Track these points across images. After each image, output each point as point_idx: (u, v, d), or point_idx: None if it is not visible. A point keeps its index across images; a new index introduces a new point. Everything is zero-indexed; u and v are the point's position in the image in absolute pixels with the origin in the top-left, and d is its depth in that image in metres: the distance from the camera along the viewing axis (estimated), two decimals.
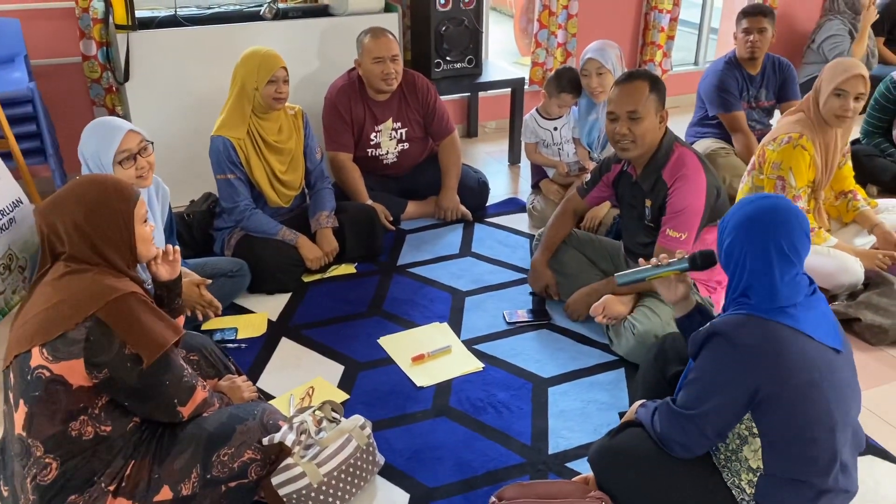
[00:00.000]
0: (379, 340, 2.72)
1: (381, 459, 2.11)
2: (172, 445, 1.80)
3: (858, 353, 2.36)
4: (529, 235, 3.51)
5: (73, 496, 1.68)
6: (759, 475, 1.68)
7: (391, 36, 3.37)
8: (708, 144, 3.84)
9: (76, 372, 1.64)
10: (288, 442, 1.88)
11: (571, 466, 2.15)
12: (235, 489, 1.83)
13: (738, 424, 1.68)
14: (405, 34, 4.22)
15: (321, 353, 2.66)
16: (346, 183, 3.46)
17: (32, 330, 1.65)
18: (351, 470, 1.97)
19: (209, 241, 3.14)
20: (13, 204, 2.84)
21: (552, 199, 3.54)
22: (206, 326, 2.71)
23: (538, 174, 3.70)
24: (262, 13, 3.66)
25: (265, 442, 1.86)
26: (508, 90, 4.32)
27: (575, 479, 2.01)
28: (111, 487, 1.71)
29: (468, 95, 4.66)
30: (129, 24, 3.35)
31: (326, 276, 3.15)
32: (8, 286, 2.78)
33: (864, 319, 2.75)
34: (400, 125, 3.54)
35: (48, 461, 1.66)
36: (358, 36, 3.40)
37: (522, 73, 4.45)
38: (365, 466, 2.01)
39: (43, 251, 1.76)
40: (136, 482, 1.73)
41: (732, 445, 1.71)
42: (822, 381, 1.62)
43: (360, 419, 2.06)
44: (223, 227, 3.09)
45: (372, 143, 3.52)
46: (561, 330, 2.80)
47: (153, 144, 2.36)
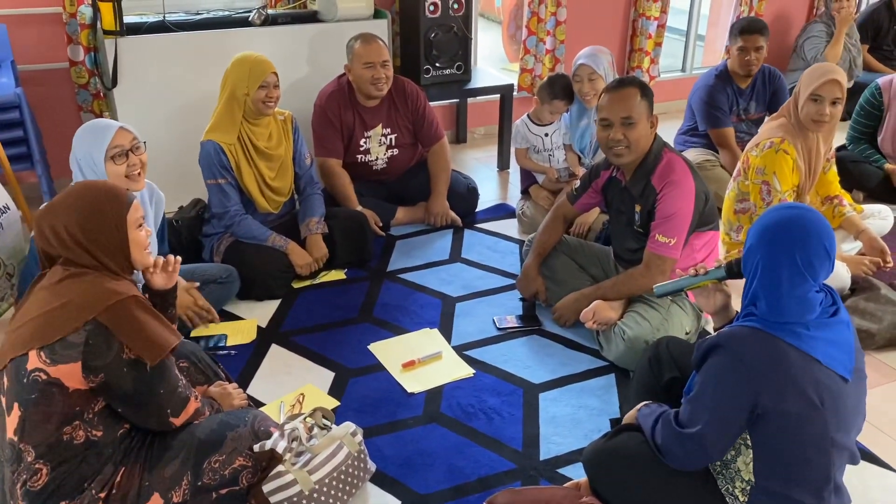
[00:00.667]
0: (369, 347, 2.71)
1: (372, 466, 2.10)
2: (163, 452, 1.79)
3: None
4: (519, 241, 3.51)
5: (63, 502, 1.67)
6: (751, 486, 1.67)
7: (381, 42, 3.38)
8: (695, 156, 3.86)
9: (73, 375, 1.63)
10: (279, 449, 1.87)
11: (563, 472, 2.15)
12: (226, 496, 1.82)
13: None
14: (394, 40, 4.22)
15: (311, 359, 2.65)
16: (335, 189, 3.45)
17: (29, 333, 1.65)
18: (342, 477, 1.96)
19: (198, 247, 3.12)
20: (0, 210, 2.82)
21: (542, 204, 3.55)
22: (195, 333, 2.70)
23: (527, 180, 3.71)
24: (251, 19, 3.65)
25: (256, 449, 1.85)
26: (497, 96, 4.33)
27: (566, 484, 2.01)
28: (102, 494, 1.70)
29: (457, 101, 4.67)
30: (117, 29, 3.34)
31: (316, 282, 3.14)
32: None
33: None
34: (389, 131, 3.54)
35: (38, 466, 1.65)
36: (347, 42, 3.40)
37: (511, 79, 4.47)
38: (356, 473, 2.01)
39: (40, 256, 1.77)
40: (126, 490, 1.72)
41: (727, 455, 1.70)
42: (823, 405, 1.58)
43: (351, 426, 2.05)
44: (212, 233, 3.08)
45: (361, 148, 3.52)
46: (551, 335, 2.80)
47: (145, 144, 2.37)
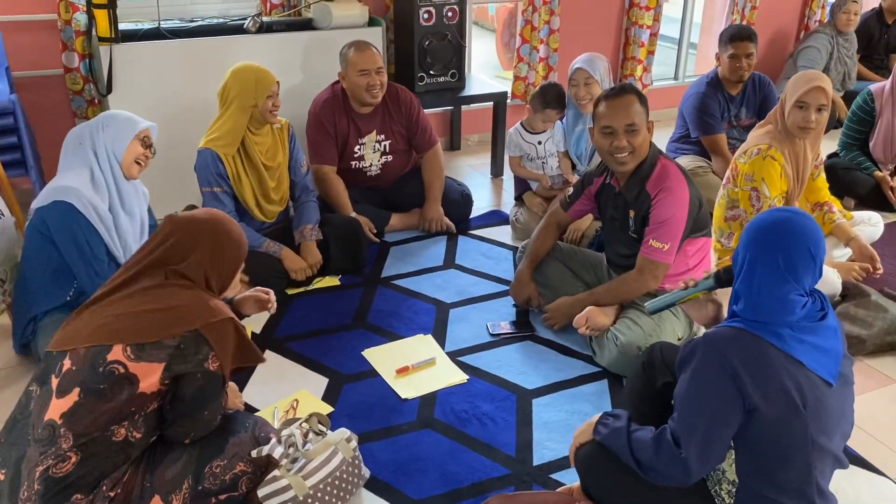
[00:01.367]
0: (363, 353, 2.72)
1: (366, 472, 2.11)
2: (165, 454, 1.80)
3: None
4: (513, 247, 3.52)
5: (77, 495, 1.67)
6: (736, 487, 1.68)
7: (375, 49, 3.39)
8: (687, 162, 3.89)
9: (152, 374, 1.69)
10: (276, 454, 1.88)
11: (556, 477, 2.16)
12: (225, 502, 1.83)
13: None
14: (389, 48, 4.24)
15: (305, 365, 2.66)
16: (329, 195, 3.46)
17: (120, 327, 1.70)
18: (337, 483, 1.96)
19: None
20: None
21: (535, 211, 3.57)
22: None
23: (521, 186, 3.72)
24: (245, 26, 3.66)
25: (253, 454, 1.87)
26: (491, 104, 4.35)
27: (559, 489, 2.01)
28: (111, 494, 1.71)
29: (451, 109, 4.69)
30: (112, 36, 3.34)
31: (310, 288, 3.14)
32: None
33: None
34: (383, 137, 3.55)
35: (70, 455, 1.65)
36: (341, 49, 3.42)
37: (504, 87, 4.49)
38: (351, 479, 2.01)
39: (150, 256, 1.84)
40: (129, 490, 1.73)
41: None
42: (805, 407, 1.58)
43: (346, 432, 2.06)
44: None
45: (356, 155, 3.53)
46: (544, 341, 2.81)
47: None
